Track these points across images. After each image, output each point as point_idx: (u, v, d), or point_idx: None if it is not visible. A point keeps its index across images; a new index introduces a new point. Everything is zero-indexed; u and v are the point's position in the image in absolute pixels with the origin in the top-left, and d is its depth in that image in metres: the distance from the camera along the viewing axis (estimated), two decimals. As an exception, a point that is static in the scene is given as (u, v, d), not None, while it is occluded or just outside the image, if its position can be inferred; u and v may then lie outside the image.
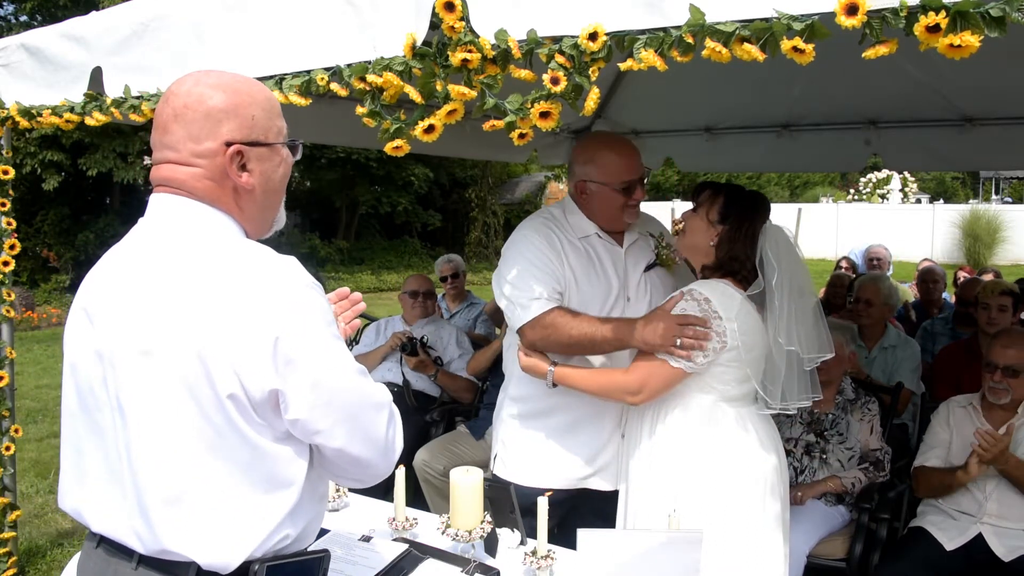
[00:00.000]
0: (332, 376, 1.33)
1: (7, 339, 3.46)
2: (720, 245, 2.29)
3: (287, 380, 1.29)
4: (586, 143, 2.62)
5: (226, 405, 1.28)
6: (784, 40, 1.51)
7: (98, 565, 1.40)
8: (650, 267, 2.58)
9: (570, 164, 2.60)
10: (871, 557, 3.13)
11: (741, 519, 2.23)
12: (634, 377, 2.24)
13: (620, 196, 2.47)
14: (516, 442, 2.56)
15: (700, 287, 2.26)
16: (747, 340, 2.22)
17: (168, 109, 1.40)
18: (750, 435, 2.27)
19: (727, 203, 2.30)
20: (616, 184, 2.46)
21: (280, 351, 1.28)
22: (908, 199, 26.94)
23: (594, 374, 2.37)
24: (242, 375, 1.27)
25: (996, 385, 2.99)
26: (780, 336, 2.23)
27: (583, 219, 2.53)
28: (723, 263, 2.29)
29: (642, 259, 2.59)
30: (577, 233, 2.51)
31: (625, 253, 2.56)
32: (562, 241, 2.47)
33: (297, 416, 1.31)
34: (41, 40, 2.95)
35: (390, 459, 1.45)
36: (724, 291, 2.25)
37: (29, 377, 7.72)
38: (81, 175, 13.85)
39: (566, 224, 2.52)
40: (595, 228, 2.52)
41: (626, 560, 1.80)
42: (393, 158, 8.31)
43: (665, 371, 2.20)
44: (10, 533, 3.46)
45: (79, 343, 1.41)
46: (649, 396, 2.24)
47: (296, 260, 1.37)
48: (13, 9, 15.91)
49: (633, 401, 2.26)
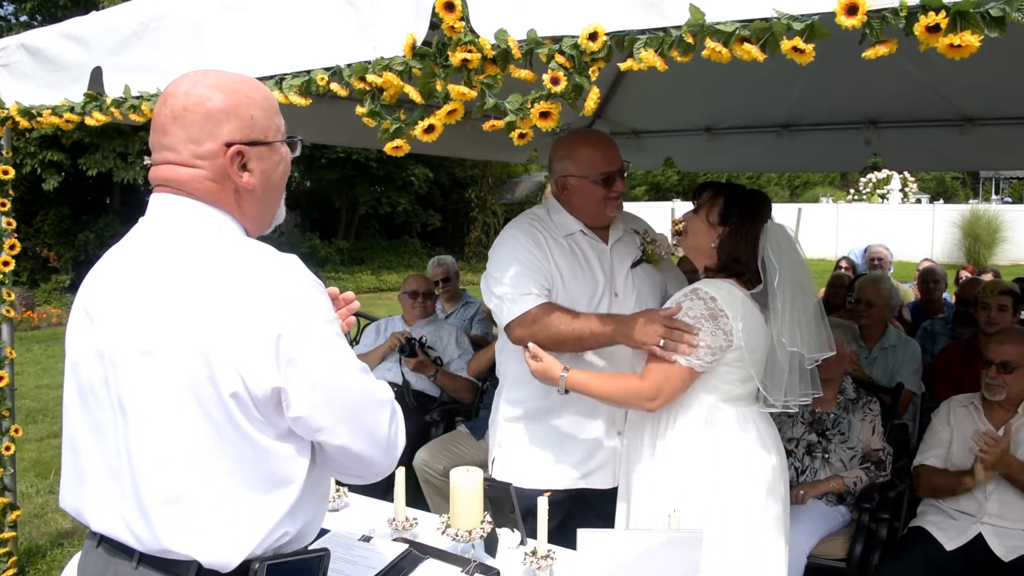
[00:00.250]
0: (334, 374, 1.34)
1: (7, 339, 3.46)
2: (722, 247, 2.29)
3: (289, 378, 1.29)
4: (562, 140, 2.63)
5: (228, 404, 1.28)
6: (784, 40, 1.51)
7: (98, 564, 1.40)
8: (636, 263, 2.61)
9: (550, 163, 2.62)
10: (871, 557, 3.13)
11: (742, 519, 2.23)
12: (649, 383, 2.22)
13: (600, 188, 2.50)
14: (513, 445, 2.57)
15: (706, 286, 2.26)
16: (751, 341, 2.23)
17: (167, 110, 1.40)
18: (751, 435, 2.27)
19: (727, 204, 2.29)
20: (595, 176, 2.49)
21: (282, 349, 1.28)
22: (908, 199, 26.94)
23: (608, 381, 2.32)
24: (245, 374, 1.27)
25: (991, 381, 3.00)
26: (783, 336, 2.22)
27: (567, 217, 2.55)
28: (725, 264, 2.29)
29: (628, 256, 2.61)
30: (562, 231, 2.54)
31: (611, 250, 2.59)
32: (548, 240, 2.49)
33: (299, 414, 1.31)
34: (41, 40, 2.95)
35: (392, 456, 1.46)
36: (729, 291, 2.25)
37: (29, 377, 7.72)
38: (81, 175, 13.85)
39: (551, 223, 2.55)
40: (580, 225, 2.55)
41: (626, 560, 1.80)
42: (393, 158, 8.30)
43: (678, 373, 2.19)
44: (10, 533, 3.46)
45: (80, 342, 1.41)
46: (666, 400, 2.21)
47: (297, 258, 1.37)
48: (13, 9, 15.92)
49: (651, 407, 2.22)
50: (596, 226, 2.58)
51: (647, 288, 2.61)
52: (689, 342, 2.17)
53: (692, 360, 2.17)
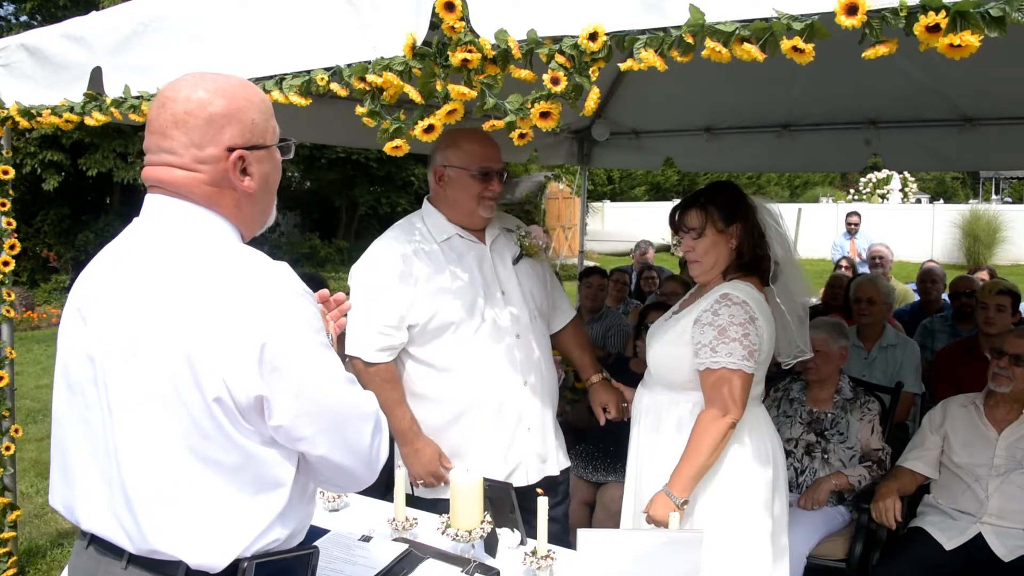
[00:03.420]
0: (317, 385, 1.33)
1: (7, 339, 3.46)
2: (742, 244, 2.29)
3: (272, 386, 1.29)
4: (448, 132, 2.57)
5: (213, 408, 1.28)
6: (784, 40, 1.51)
7: (88, 564, 1.41)
8: (517, 259, 2.64)
9: (432, 153, 2.61)
10: (871, 557, 3.13)
11: (742, 519, 2.24)
12: (716, 405, 2.18)
13: (476, 183, 2.50)
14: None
15: (735, 290, 2.25)
16: (766, 346, 2.27)
17: (167, 114, 1.39)
18: (752, 436, 2.28)
19: (720, 206, 2.30)
20: (474, 168, 2.50)
21: (266, 357, 1.28)
22: (908, 199, 26.91)
23: (696, 448, 2.18)
24: (228, 380, 1.27)
25: (1000, 372, 2.99)
26: (795, 288, 2.33)
27: (441, 219, 2.56)
28: (752, 259, 2.30)
29: (507, 253, 2.64)
30: (438, 236, 2.54)
31: (490, 249, 2.60)
32: (418, 251, 2.49)
33: (280, 422, 1.31)
34: (41, 40, 2.95)
35: (374, 469, 1.45)
36: (751, 294, 2.26)
37: (29, 377, 7.71)
38: (81, 175, 13.84)
39: (424, 230, 2.56)
40: (456, 229, 2.56)
41: (626, 560, 1.80)
42: (393, 158, 8.30)
43: (733, 378, 2.18)
44: (10, 533, 3.46)
45: (72, 343, 1.42)
46: (740, 406, 2.18)
47: (288, 266, 1.37)
48: (13, 9, 15.90)
49: (733, 419, 2.17)
50: (471, 227, 2.58)
51: (531, 282, 2.65)
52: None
53: (742, 363, 2.17)
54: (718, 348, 2.19)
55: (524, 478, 2.58)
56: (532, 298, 2.64)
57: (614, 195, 28.17)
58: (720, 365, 2.18)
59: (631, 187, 29.16)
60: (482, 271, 2.54)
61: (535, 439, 2.60)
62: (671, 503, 2.14)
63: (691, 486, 2.17)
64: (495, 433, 2.54)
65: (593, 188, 25.47)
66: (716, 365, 2.18)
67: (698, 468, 2.17)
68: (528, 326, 2.60)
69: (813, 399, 3.40)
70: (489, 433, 2.54)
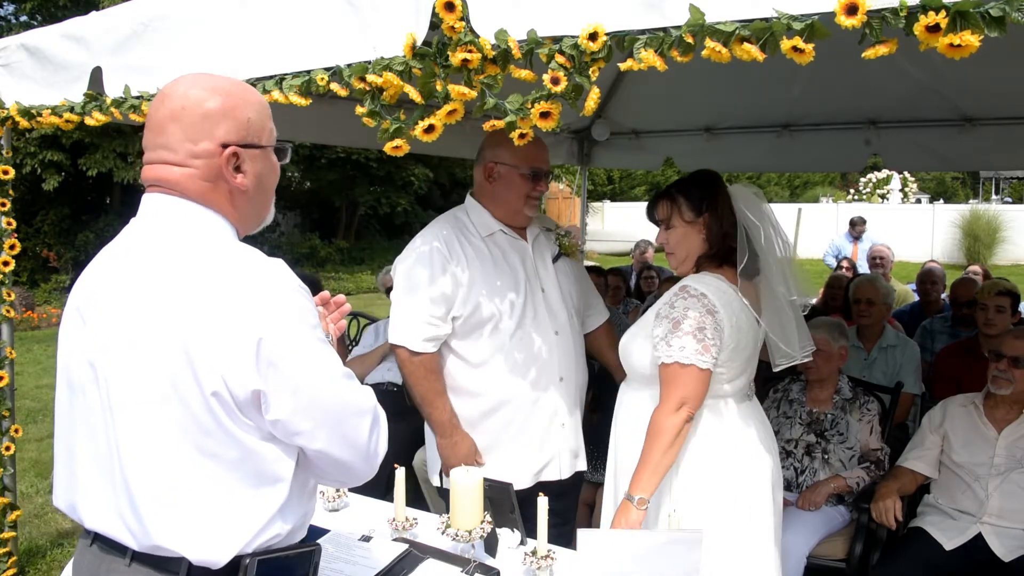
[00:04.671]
0: (314, 380, 1.34)
1: (7, 339, 3.46)
2: (710, 233, 2.26)
3: (269, 381, 1.30)
4: (500, 131, 2.70)
5: (211, 403, 1.29)
6: (784, 40, 1.51)
7: (92, 562, 1.41)
8: (556, 259, 2.70)
9: (480, 150, 2.64)
10: (871, 557, 3.13)
11: (735, 518, 2.23)
12: (667, 402, 2.13)
13: (526, 182, 2.54)
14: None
15: (693, 282, 2.22)
16: (741, 339, 2.22)
17: (164, 110, 1.41)
18: (747, 434, 2.27)
19: (688, 195, 2.29)
20: (524, 168, 2.54)
21: (263, 352, 1.29)
22: (908, 199, 26.91)
23: (651, 449, 2.13)
24: (225, 375, 1.28)
25: (1000, 374, 2.99)
26: (780, 286, 2.24)
27: (486, 216, 2.60)
28: (719, 249, 2.26)
29: (547, 251, 2.70)
30: (482, 232, 2.58)
31: (532, 247, 2.65)
32: (463, 245, 2.53)
33: (278, 417, 1.32)
34: (41, 40, 2.95)
35: (372, 464, 1.46)
36: (718, 286, 2.22)
37: (29, 377, 7.71)
38: (81, 175, 13.85)
39: (469, 224, 2.59)
40: (499, 225, 2.60)
41: (626, 560, 1.80)
42: (393, 158, 8.30)
43: (687, 374, 2.12)
44: (10, 533, 3.46)
45: (72, 342, 1.43)
46: (694, 402, 2.13)
47: (284, 263, 1.38)
48: (13, 9, 15.91)
49: (686, 415, 2.12)
50: (514, 225, 2.63)
51: (569, 282, 2.71)
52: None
53: (696, 358, 2.12)
54: (672, 342, 2.14)
55: (557, 472, 2.63)
56: (570, 297, 2.68)
57: (614, 195, 28.19)
58: (672, 359, 2.13)
59: (631, 187, 29.17)
60: (525, 268, 2.58)
61: (569, 434, 2.65)
62: (630, 505, 2.10)
63: (650, 484, 2.10)
64: (530, 428, 2.58)
65: (593, 188, 25.49)
66: (669, 359, 2.14)
67: (653, 465, 2.11)
68: (566, 324, 2.65)
69: (813, 399, 3.39)
70: (524, 427, 2.57)
